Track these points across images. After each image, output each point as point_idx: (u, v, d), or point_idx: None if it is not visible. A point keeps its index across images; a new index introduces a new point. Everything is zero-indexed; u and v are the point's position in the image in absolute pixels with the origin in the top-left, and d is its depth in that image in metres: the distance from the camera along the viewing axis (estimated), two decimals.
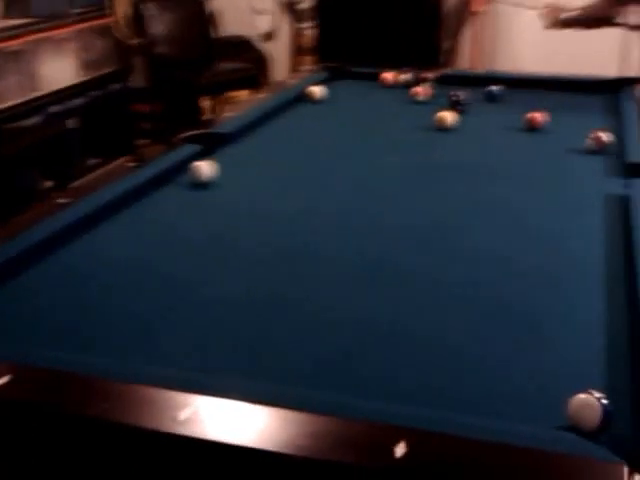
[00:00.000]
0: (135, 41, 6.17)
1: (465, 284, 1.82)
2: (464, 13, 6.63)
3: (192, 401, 1.26)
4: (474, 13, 6.50)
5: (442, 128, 2.97)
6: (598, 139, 2.65)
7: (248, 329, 1.63)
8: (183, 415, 1.23)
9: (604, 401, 1.24)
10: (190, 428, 1.21)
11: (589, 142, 2.67)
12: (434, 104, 3.22)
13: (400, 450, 1.13)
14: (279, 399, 1.26)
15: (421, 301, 1.74)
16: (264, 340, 1.58)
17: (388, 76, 3.70)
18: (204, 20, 6.62)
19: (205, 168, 2.42)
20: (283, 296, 1.77)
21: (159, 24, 6.12)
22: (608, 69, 5.65)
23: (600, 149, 2.65)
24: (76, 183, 4.86)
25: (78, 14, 5.64)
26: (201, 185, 2.40)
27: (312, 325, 1.64)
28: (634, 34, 6.46)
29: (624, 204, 2.17)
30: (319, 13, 6.33)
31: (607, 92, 3.49)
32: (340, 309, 1.70)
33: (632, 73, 5.89)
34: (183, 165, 2.48)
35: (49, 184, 5.00)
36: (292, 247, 2.04)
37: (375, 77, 3.74)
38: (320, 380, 1.43)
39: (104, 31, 6.00)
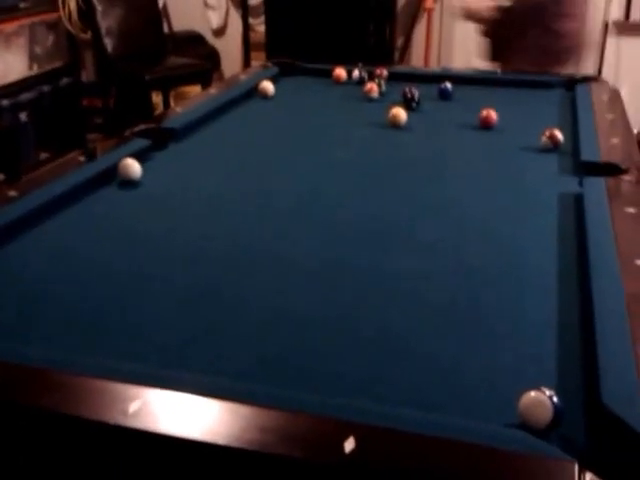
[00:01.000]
0: (86, 35, 6.12)
1: (414, 281, 1.80)
2: (417, 10, 6.63)
3: (141, 394, 1.26)
4: (427, 10, 6.50)
5: (395, 125, 2.93)
6: (553, 137, 2.63)
7: (194, 322, 1.62)
8: (132, 408, 1.22)
9: (555, 399, 1.24)
10: (139, 421, 1.21)
11: (544, 140, 2.65)
12: (387, 101, 3.18)
13: (349, 445, 1.13)
14: (228, 392, 1.27)
15: (369, 297, 1.73)
16: (210, 334, 1.57)
17: (340, 72, 3.67)
18: (156, 14, 6.59)
19: (132, 166, 2.40)
20: (229, 290, 1.76)
21: (110, 18, 6.06)
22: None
23: (555, 147, 2.63)
24: (27, 177, 4.86)
25: (28, 7, 5.58)
26: (129, 183, 2.38)
27: (259, 319, 1.63)
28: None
29: (578, 202, 2.16)
30: (269, 8, 6.32)
31: (562, 90, 3.49)
32: (286, 305, 1.69)
33: (587, 71, 5.94)
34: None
35: (0, 177, 4.99)
36: (237, 241, 2.03)
37: (327, 73, 3.71)
38: (268, 374, 1.42)
39: (54, 25, 5.96)
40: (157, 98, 6.34)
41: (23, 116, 5.49)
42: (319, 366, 1.45)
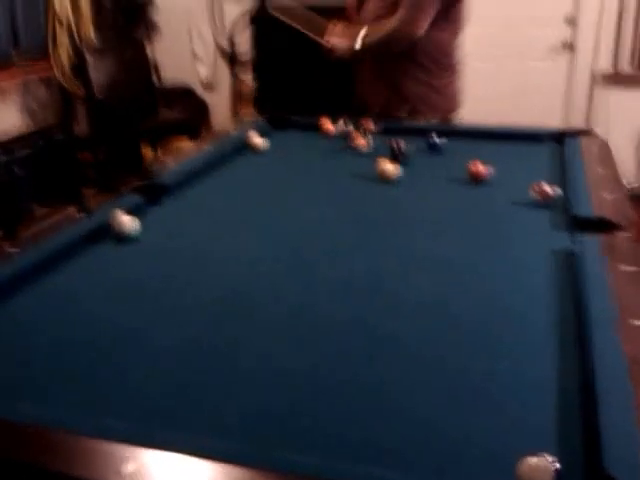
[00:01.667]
0: (79, 89, 6.13)
1: (407, 342, 1.78)
2: None
3: (136, 455, 1.27)
4: None
5: (384, 179, 2.92)
6: (543, 192, 2.62)
7: (190, 381, 1.62)
8: (127, 469, 1.23)
9: (556, 465, 1.23)
10: None
11: (534, 195, 2.63)
12: (376, 154, 3.16)
13: None
14: (222, 454, 1.27)
15: (357, 356, 1.71)
16: (206, 393, 1.57)
17: (329, 126, 3.67)
18: (147, 68, 6.62)
19: (127, 222, 2.42)
20: (225, 347, 1.76)
21: (102, 72, 6.09)
22: (552, 120, 5.69)
23: (546, 202, 2.61)
24: (25, 232, 4.91)
25: (21, 63, 5.62)
26: (124, 238, 2.40)
27: (254, 380, 1.62)
28: (579, 85, 6.52)
29: (571, 260, 2.14)
30: (257, 64, 6.36)
31: (552, 143, 3.48)
32: (275, 362, 1.69)
33: (576, 123, 5.95)
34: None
35: None
36: (226, 296, 2.03)
37: (316, 127, 3.72)
38: (262, 435, 1.42)
39: (48, 80, 5.99)
40: (145, 149, 6.36)
41: (19, 171, 5.52)
42: (313, 428, 1.44)
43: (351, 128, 3.59)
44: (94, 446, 1.30)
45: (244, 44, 6.79)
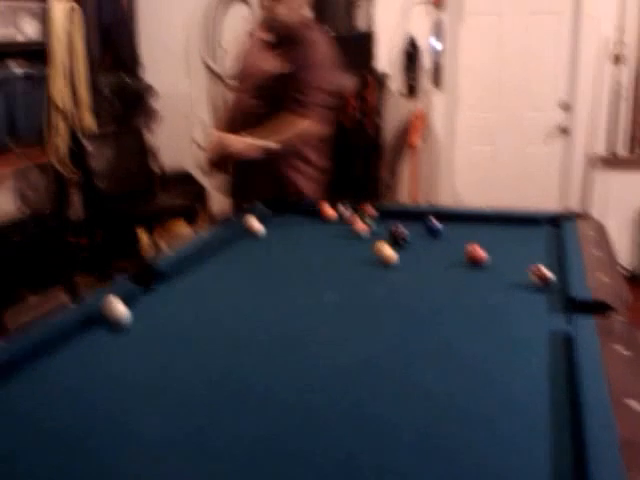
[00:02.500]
0: (75, 175, 6.18)
1: (400, 427, 1.77)
2: (402, 147, 6.74)
3: None
4: (412, 147, 6.60)
5: (384, 264, 2.94)
6: (541, 275, 2.64)
7: (185, 473, 1.60)
8: None
9: None
10: None
11: (532, 277, 2.65)
12: (376, 239, 3.19)
13: None
14: None
15: (351, 441, 1.71)
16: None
17: (329, 211, 3.70)
18: (145, 155, 6.68)
19: (120, 310, 2.39)
20: (221, 442, 1.72)
21: (100, 159, 6.15)
22: (548, 202, 5.75)
23: (543, 285, 2.63)
24: (13, 319, 4.87)
25: (17, 152, 5.66)
26: (116, 326, 2.37)
27: (249, 464, 1.61)
28: (575, 168, 6.60)
29: (568, 342, 2.15)
30: None
31: (548, 227, 3.51)
32: (281, 447, 1.68)
33: (573, 206, 6.01)
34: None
35: None
36: (221, 384, 2.01)
37: (316, 211, 3.75)
38: None
39: (43, 167, 6.02)
40: (142, 234, 6.40)
41: (11, 256, 5.49)
42: None
43: (350, 213, 3.62)
44: None
45: None
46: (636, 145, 6.44)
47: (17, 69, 5.80)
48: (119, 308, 2.38)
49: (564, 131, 6.72)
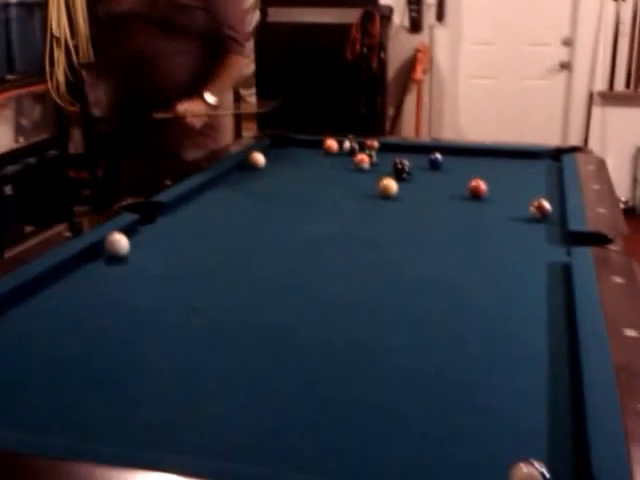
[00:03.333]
0: (74, 108, 6.13)
1: (404, 356, 1.79)
2: (407, 81, 6.71)
3: (128, 478, 1.24)
4: (416, 82, 6.58)
5: (386, 196, 2.96)
6: (541, 207, 2.66)
7: (181, 401, 1.60)
8: None
9: (546, 473, 1.24)
10: None
11: (532, 210, 2.67)
12: (378, 172, 3.21)
13: None
14: (215, 475, 1.24)
15: (361, 373, 1.72)
16: (197, 413, 1.55)
17: (332, 144, 3.69)
18: None
19: (120, 242, 2.36)
20: (215, 367, 1.74)
21: (99, 90, 6.09)
22: (549, 137, 5.75)
23: (543, 217, 2.66)
24: (12, 252, 4.80)
25: (15, 80, 5.59)
26: (116, 258, 2.35)
27: (248, 397, 1.61)
28: (576, 103, 6.58)
29: (566, 272, 2.17)
30: (259, 80, 6.37)
31: (549, 160, 3.53)
32: (275, 382, 1.68)
33: (573, 141, 6.02)
34: None
35: None
36: (225, 317, 2.01)
37: (318, 144, 3.73)
38: (258, 454, 1.40)
39: (42, 97, 5.96)
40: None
41: (8, 189, 5.43)
42: (311, 446, 1.44)
43: (355, 146, 3.64)
44: (85, 471, 1.27)
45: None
46: (636, 81, 6.44)
47: None
48: (120, 240, 2.36)
49: (565, 67, 6.70)
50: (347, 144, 3.66)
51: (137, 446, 1.39)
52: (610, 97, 6.50)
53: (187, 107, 3.42)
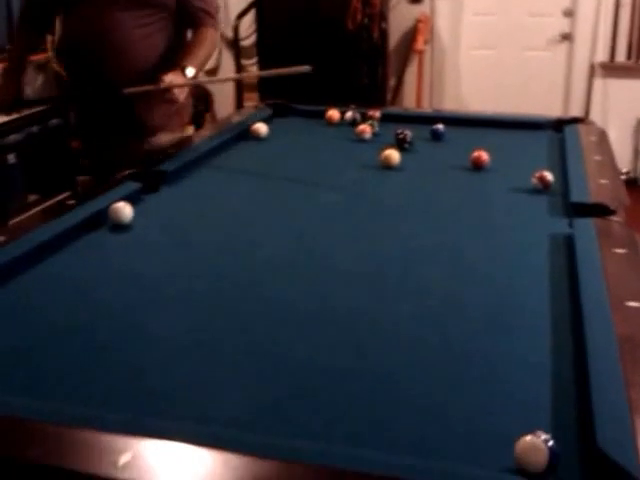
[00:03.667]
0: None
1: (407, 325, 1.80)
2: (408, 51, 6.69)
3: (132, 445, 1.23)
4: (418, 52, 6.56)
5: (388, 166, 2.96)
6: (543, 178, 2.67)
7: (185, 369, 1.61)
8: (122, 460, 1.19)
9: (550, 443, 1.25)
10: (130, 473, 1.18)
11: (534, 181, 2.68)
12: (380, 142, 3.21)
13: None
14: (220, 442, 1.24)
15: (364, 341, 1.73)
16: (202, 381, 1.56)
17: (333, 114, 3.70)
18: None
19: (123, 210, 2.38)
20: (220, 336, 1.75)
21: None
22: (551, 108, 5.74)
23: (545, 188, 2.66)
24: (15, 220, 4.80)
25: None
26: (120, 226, 2.36)
27: (252, 366, 1.62)
28: (577, 75, 6.57)
29: (568, 243, 2.18)
30: (260, 50, 6.35)
31: (551, 131, 3.53)
32: (280, 351, 1.68)
33: (574, 113, 6.01)
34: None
35: None
36: (229, 286, 2.02)
37: (320, 114, 3.74)
38: (262, 422, 1.41)
39: (43, 66, 5.94)
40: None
41: (11, 158, 5.42)
42: (314, 414, 1.45)
43: (357, 116, 3.64)
44: (88, 437, 1.27)
45: (248, 30, 6.81)
46: (637, 53, 6.43)
47: None
48: (123, 208, 2.38)
49: (567, 38, 6.68)
50: (349, 114, 3.66)
51: (140, 413, 1.40)
52: (611, 68, 6.49)
53: (171, 79, 3.19)
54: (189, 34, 3.52)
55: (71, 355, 1.66)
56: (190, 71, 3.26)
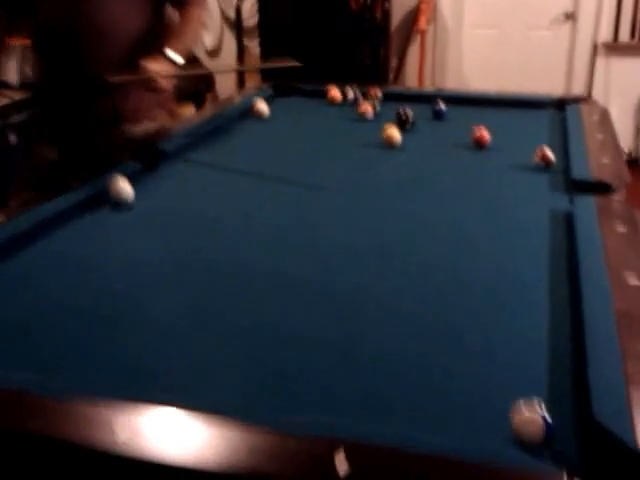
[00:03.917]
0: None
1: (408, 300, 1.82)
2: (410, 31, 6.68)
3: (131, 417, 1.26)
4: (420, 31, 6.55)
5: (390, 145, 2.97)
6: (544, 156, 2.67)
7: (189, 344, 1.62)
8: (121, 433, 1.22)
9: (546, 415, 1.26)
10: (128, 446, 1.19)
11: (536, 159, 2.69)
12: (382, 121, 3.21)
13: (341, 465, 1.13)
14: (217, 414, 1.26)
15: (365, 315, 1.74)
16: (200, 354, 1.58)
17: (335, 93, 3.71)
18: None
19: (124, 188, 2.40)
20: (219, 311, 1.76)
21: None
22: (553, 87, 5.74)
23: (546, 166, 2.67)
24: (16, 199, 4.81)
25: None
26: (121, 204, 2.38)
27: (249, 339, 1.63)
28: (580, 54, 6.56)
29: (569, 220, 2.19)
30: (263, 30, 6.36)
31: (553, 110, 3.54)
32: (277, 324, 1.70)
33: (577, 92, 6.01)
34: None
35: None
36: (229, 262, 2.03)
37: (322, 94, 3.75)
38: (259, 394, 1.43)
39: None
40: None
41: (12, 138, 5.43)
42: (311, 385, 1.46)
43: (359, 96, 3.64)
44: (88, 411, 1.28)
45: (250, 10, 6.80)
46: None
47: None
48: (124, 186, 2.40)
49: (570, 17, 6.67)
50: (351, 94, 3.67)
51: (140, 388, 1.41)
52: (614, 48, 6.48)
53: (157, 67, 2.97)
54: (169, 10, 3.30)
55: (72, 331, 1.67)
56: (176, 57, 3.05)
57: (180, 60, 3.04)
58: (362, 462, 1.15)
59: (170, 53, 3.01)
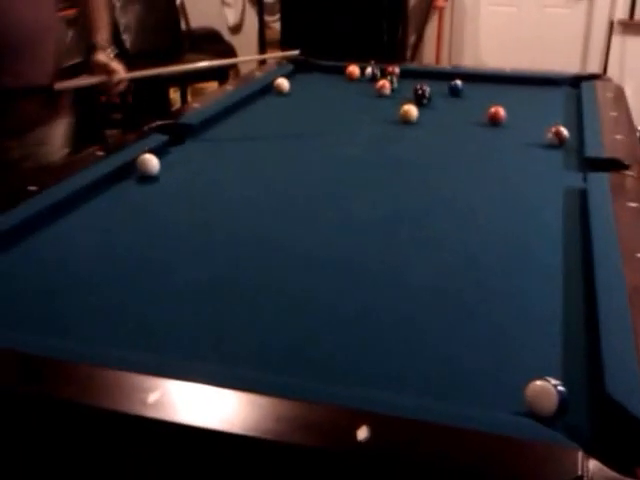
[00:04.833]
0: None
1: (423, 274, 1.85)
2: (428, 8, 6.69)
3: (160, 385, 1.28)
4: (438, 8, 6.56)
5: (406, 121, 3.01)
6: (558, 133, 2.71)
7: (212, 313, 1.66)
8: (151, 398, 1.25)
9: (560, 388, 1.28)
10: (158, 411, 1.23)
11: (550, 136, 2.72)
12: (399, 98, 3.26)
13: (362, 434, 1.16)
14: (244, 383, 1.29)
15: (379, 289, 1.77)
16: (227, 325, 1.61)
17: (354, 70, 3.74)
18: (173, 11, 6.62)
19: (150, 161, 2.44)
20: (246, 282, 1.80)
21: (128, 14, 6.11)
22: (569, 65, 5.76)
23: (560, 143, 2.71)
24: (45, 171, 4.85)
25: None
26: (147, 178, 2.42)
27: (275, 311, 1.67)
28: (596, 32, 6.56)
29: (582, 197, 2.22)
30: (284, 6, 6.37)
31: (568, 88, 3.56)
32: (301, 297, 1.73)
33: (592, 70, 6.02)
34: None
35: None
36: (252, 236, 2.06)
37: (341, 70, 3.78)
38: (284, 364, 1.46)
39: (74, 21, 5.95)
40: (175, 94, 6.40)
41: None
42: (334, 358, 1.49)
43: (377, 72, 3.68)
44: (119, 378, 1.31)
45: None
46: None
47: None
48: (150, 160, 2.44)
49: None
50: (369, 70, 3.70)
51: (165, 354, 1.46)
52: (630, 26, 6.48)
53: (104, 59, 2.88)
54: None
55: (99, 300, 1.71)
56: (110, 50, 2.92)
57: (112, 49, 2.94)
58: (383, 432, 1.18)
59: (108, 49, 2.95)
